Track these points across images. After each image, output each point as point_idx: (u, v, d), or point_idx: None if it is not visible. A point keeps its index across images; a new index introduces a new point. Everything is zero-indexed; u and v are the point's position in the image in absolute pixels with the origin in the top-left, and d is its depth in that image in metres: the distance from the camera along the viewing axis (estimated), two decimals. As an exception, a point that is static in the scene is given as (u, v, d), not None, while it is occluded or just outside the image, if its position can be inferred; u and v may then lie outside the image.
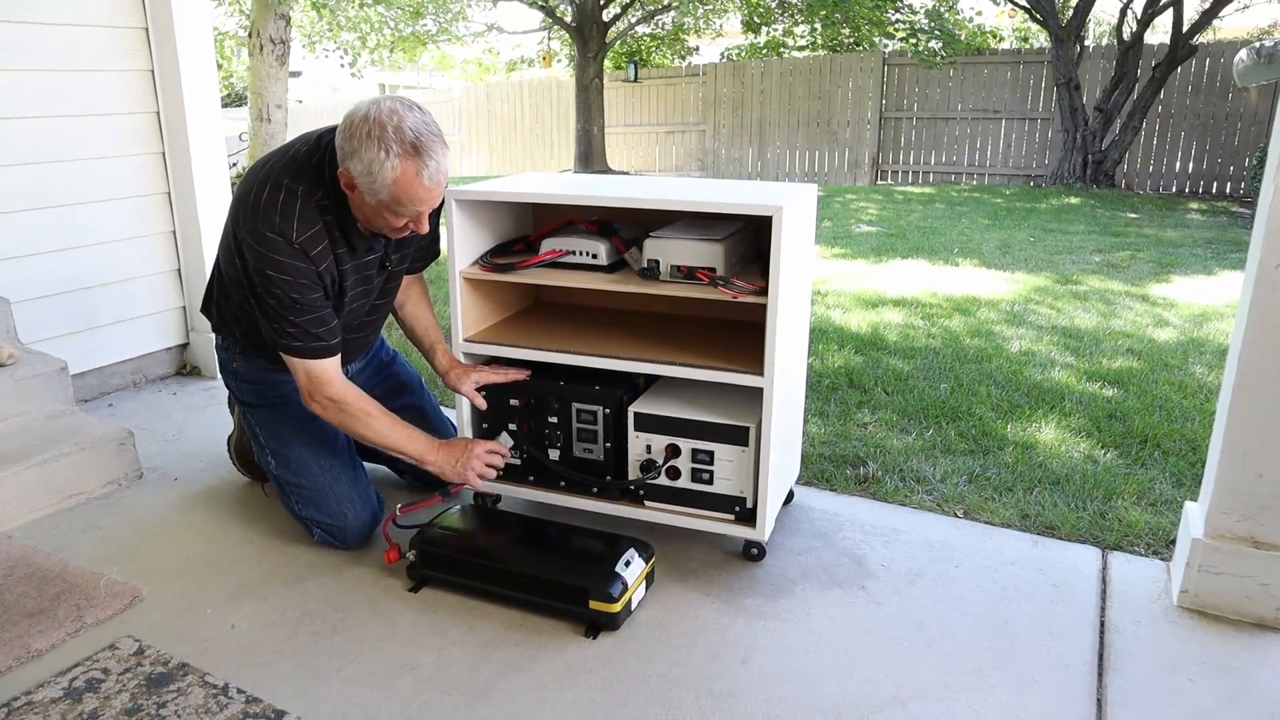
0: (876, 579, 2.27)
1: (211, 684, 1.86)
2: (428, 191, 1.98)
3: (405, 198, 1.97)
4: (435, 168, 1.96)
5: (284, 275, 2.04)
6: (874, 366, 3.87)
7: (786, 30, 17.27)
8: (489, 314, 2.52)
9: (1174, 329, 4.55)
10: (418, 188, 1.96)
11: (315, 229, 2.05)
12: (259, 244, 2.02)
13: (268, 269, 2.03)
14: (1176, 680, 1.90)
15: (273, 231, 2.01)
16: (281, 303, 2.06)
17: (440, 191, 2.02)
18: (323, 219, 2.07)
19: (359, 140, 1.92)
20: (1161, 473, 2.84)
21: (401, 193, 1.95)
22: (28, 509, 2.56)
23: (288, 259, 2.03)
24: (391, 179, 1.93)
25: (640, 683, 1.88)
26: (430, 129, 1.96)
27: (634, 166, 15.85)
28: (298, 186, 2.04)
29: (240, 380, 2.42)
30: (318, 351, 2.13)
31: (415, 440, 2.25)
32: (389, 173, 1.92)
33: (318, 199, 2.06)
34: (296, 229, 2.02)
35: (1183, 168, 11.56)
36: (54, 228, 3.24)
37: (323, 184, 2.06)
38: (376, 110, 1.93)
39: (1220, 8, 10.66)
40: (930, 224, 8.34)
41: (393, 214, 2.02)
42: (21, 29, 3.06)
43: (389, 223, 2.06)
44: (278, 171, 2.07)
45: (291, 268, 2.04)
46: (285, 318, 2.08)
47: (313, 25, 13.39)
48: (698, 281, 2.17)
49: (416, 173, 1.94)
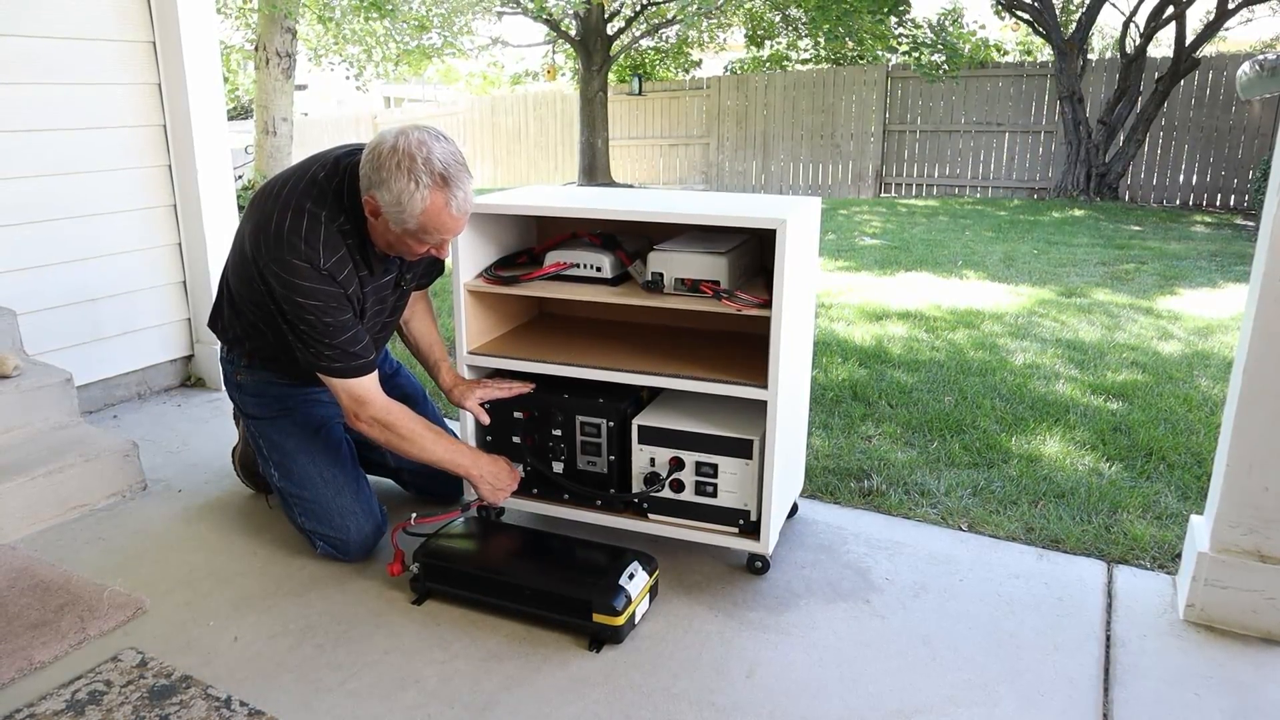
0: (881, 592, 2.26)
1: (214, 696, 1.86)
2: (455, 221, 2.01)
3: (433, 227, 1.99)
4: (463, 198, 1.99)
5: (315, 301, 2.04)
6: (878, 379, 3.87)
7: (790, 43, 17.33)
8: (493, 326, 2.53)
9: (1178, 342, 4.54)
10: (446, 218, 1.98)
11: (340, 254, 2.06)
12: (286, 272, 2.02)
13: (297, 296, 2.04)
14: (1183, 695, 1.89)
15: (299, 259, 2.02)
16: (315, 328, 2.07)
17: (465, 220, 2.04)
18: (345, 243, 2.08)
19: (388, 171, 1.93)
20: (1167, 486, 2.83)
21: (430, 222, 1.98)
22: (32, 520, 2.56)
23: (317, 284, 2.04)
24: (420, 209, 1.95)
25: (643, 696, 1.87)
26: (457, 159, 1.99)
27: (638, 179, 15.88)
28: (320, 211, 2.05)
29: (244, 393, 2.42)
30: (358, 370, 2.14)
31: (461, 454, 2.28)
32: (418, 203, 1.94)
33: (339, 224, 2.07)
34: (323, 255, 2.03)
35: (1186, 180, 11.56)
36: (60, 240, 3.25)
37: (343, 209, 2.07)
38: (405, 141, 1.94)
39: (1223, 21, 10.68)
40: (934, 237, 8.34)
41: (417, 241, 2.04)
42: (30, 42, 3.09)
43: (411, 249, 2.08)
44: (298, 196, 2.07)
45: (322, 293, 2.05)
46: (322, 341, 2.08)
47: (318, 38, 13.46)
48: (701, 294, 2.17)
49: (445, 203, 1.96)
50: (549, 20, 14.18)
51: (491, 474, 2.31)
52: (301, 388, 2.42)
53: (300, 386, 2.42)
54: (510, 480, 2.35)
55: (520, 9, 14.14)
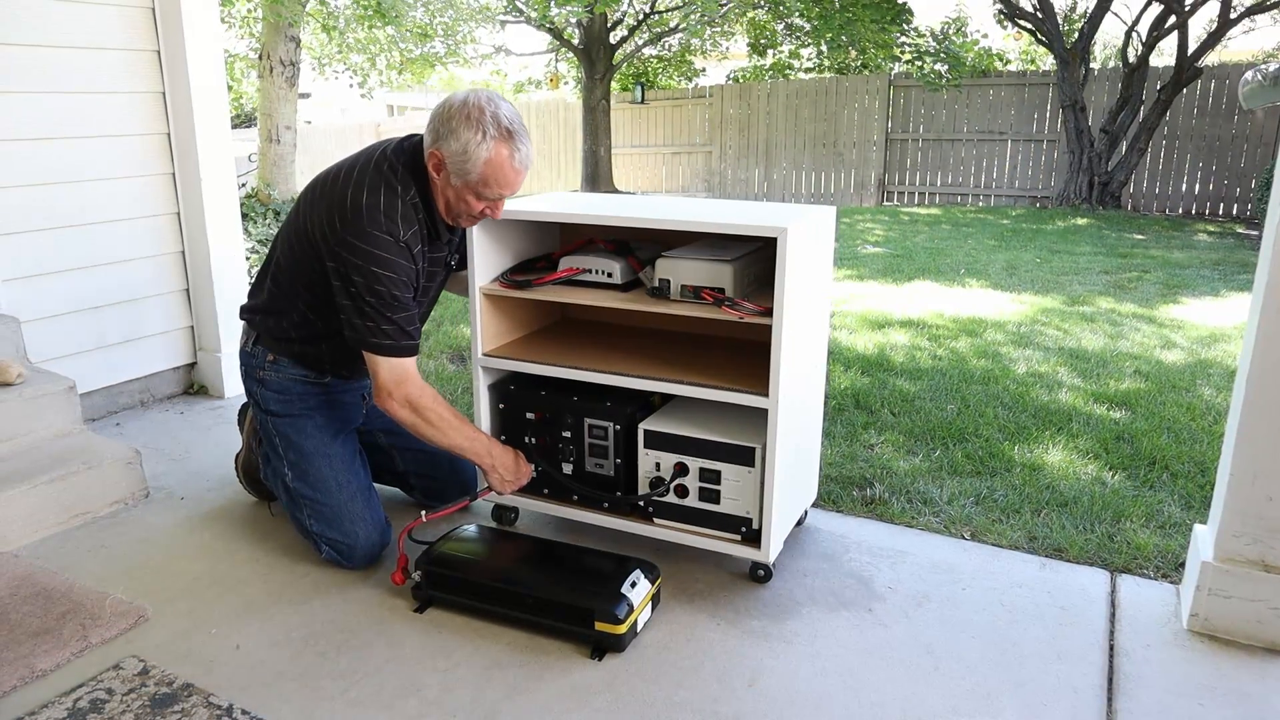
0: (883, 601, 2.25)
1: (216, 705, 1.85)
2: (516, 174, 2.12)
3: (494, 179, 2.10)
4: (525, 154, 2.12)
5: (390, 273, 2.12)
6: (881, 388, 3.87)
7: (793, 52, 17.38)
8: (509, 330, 2.55)
9: (1182, 350, 4.54)
10: (508, 170, 2.10)
11: (414, 229, 2.16)
12: (368, 243, 2.09)
13: (375, 266, 2.10)
14: (1187, 705, 1.88)
15: (381, 231, 2.10)
16: (383, 300, 2.12)
17: (523, 177, 2.15)
18: (416, 217, 2.17)
19: (457, 121, 2.05)
20: (1170, 495, 2.83)
21: (492, 174, 2.09)
22: (34, 528, 2.56)
23: (396, 257, 2.12)
24: (484, 159, 2.06)
25: (646, 705, 1.87)
26: (520, 120, 2.12)
27: (640, 187, 15.91)
28: (395, 185, 2.14)
29: (267, 389, 2.42)
30: (407, 350, 2.20)
31: (478, 442, 2.34)
32: (484, 153, 2.06)
33: (410, 197, 2.16)
34: (402, 228, 2.13)
35: (1189, 189, 11.57)
36: (64, 247, 3.26)
37: (413, 183, 2.17)
38: (475, 98, 2.08)
39: (1225, 30, 10.70)
40: (937, 245, 8.35)
41: (476, 197, 2.14)
42: (36, 52, 3.10)
43: (469, 207, 2.16)
44: (371, 175, 2.15)
45: (399, 266, 2.13)
46: (384, 315, 2.14)
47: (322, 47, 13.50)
48: (704, 301, 2.18)
49: (510, 155, 2.08)
50: (552, 29, 14.23)
51: (504, 465, 2.37)
52: (324, 387, 2.44)
53: (323, 385, 2.43)
54: (521, 473, 2.41)
55: (523, 18, 14.20)
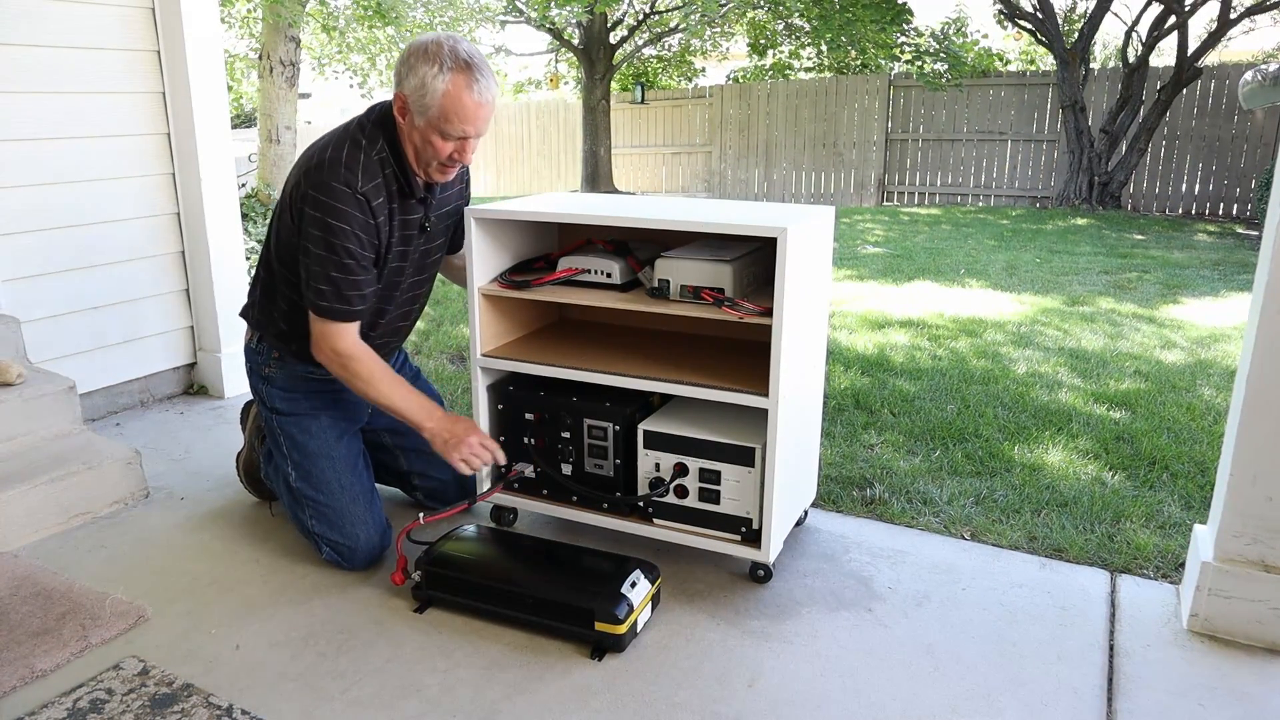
0: (884, 601, 2.25)
1: (215, 705, 1.85)
2: (476, 106, 2.06)
3: (454, 112, 2.04)
4: (485, 86, 2.06)
5: (342, 224, 2.11)
6: (880, 388, 3.87)
7: (793, 53, 17.38)
8: (508, 330, 2.54)
9: (1181, 351, 4.54)
10: (467, 101, 2.04)
11: (376, 181, 2.14)
12: (324, 194, 2.09)
13: (329, 217, 2.10)
14: (1187, 705, 1.88)
15: (338, 181, 2.10)
16: (332, 251, 2.12)
17: (487, 113, 2.10)
18: (382, 172, 2.16)
19: (416, 59, 2.04)
20: (1170, 495, 2.83)
21: (451, 106, 2.04)
22: (34, 528, 2.56)
23: (349, 209, 2.10)
24: (442, 91, 2.02)
25: (646, 705, 1.87)
26: (481, 57, 2.07)
27: (640, 188, 15.91)
28: (361, 140, 2.15)
29: (273, 386, 2.42)
30: (341, 315, 2.19)
31: (416, 404, 2.26)
32: (440, 85, 2.02)
33: (378, 150, 2.15)
34: (361, 179, 2.11)
35: (1189, 190, 11.57)
36: (64, 248, 3.26)
37: (381, 136, 2.16)
38: (434, 36, 2.07)
39: (1225, 31, 10.70)
40: (937, 245, 8.35)
41: (440, 136, 2.09)
42: (36, 52, 3.10)
43: (436, 151, 2.12)
44: (340, 133, 2.17)
45: (351, 217, 2.11)
46: (325, 272, 2.13)
47: (322, 47, 13.50)
48: (703, 301, 2.17)
49: (467, 85, 2.03)
50: (552, 29, 14.23)
51: (446, 429, 2.23)
52: (330, 383, 2.42)
53: (329, 381, 2.42)
54: (467, 435, 2.24)
55: (524, 18, 14.20)
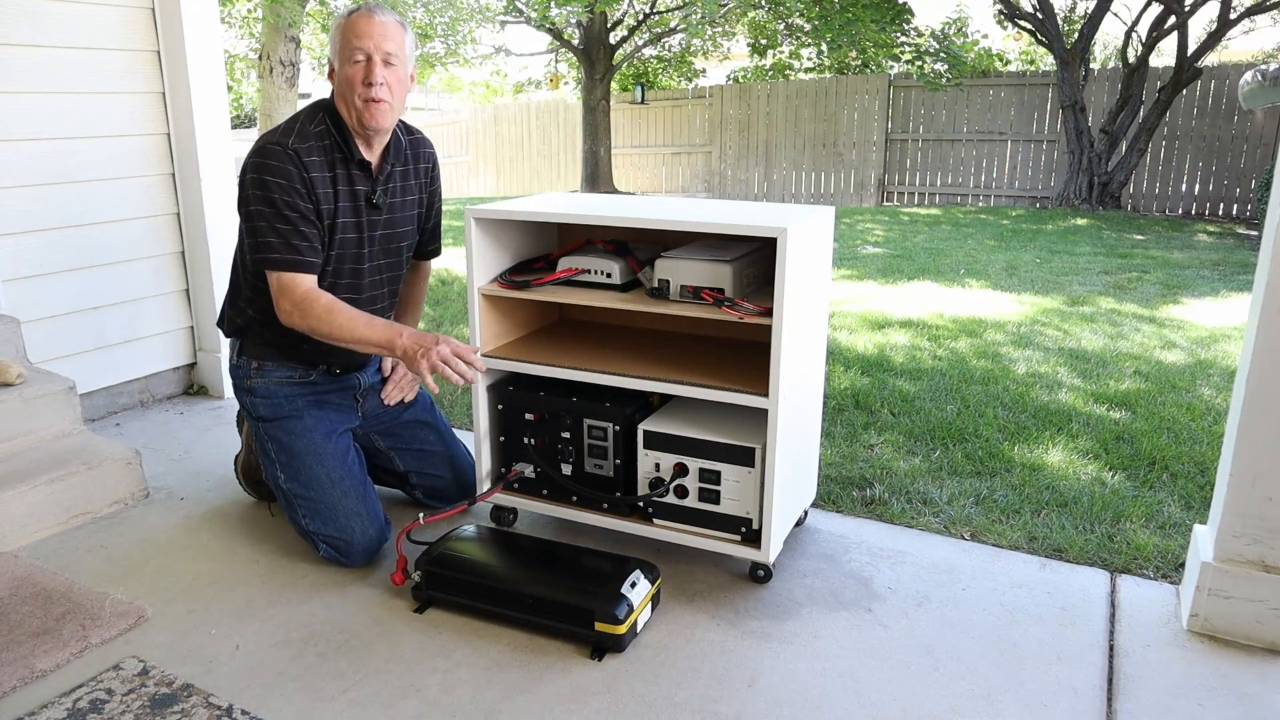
0: (883, 601, 2.25)
1: (215, 705, 1.85)
2: (368, 23, 2.22)
3: (350, 34, 2.22)
4: (374, 8, 2.25)
5: (277, 179, 2.20)
6: (880, 388, 3.87)
7: (793, 53, 17.38)
8: (508, 330, 2.55)
9: (1181, 351, 4.54)
10: (358, 21, 2.22)
11: (310, 144, 2.26)
12: (259, 155, 2.23)
13: (264, 175, 2.21)
14: (1187, 706, 1.88)
15: (271, 143, 2.23)
16: (272, 205, 2.21)
17: (380, 29, 2.23)
18: (321, 140, 2.28)
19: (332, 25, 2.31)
20: (1170, 495, 2.83)
21: (347, 31, 2.22)
22: (34, 528, 2.56)
23: (282, 164, 2.21)
24: (338, 25, 2.25)
25: (646, 705, 1.87)
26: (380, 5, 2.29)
27: (640, 188, 15.91)
28: (300, 115, 2.33)
29: (256, 396, 2.44)
30: (294, 265, 2.24)
31: (382, 327, 2.23)
32: (338, 23, 2.25)
33: (316, 123, 2.30)
34: (294, 139, 2.24)
35: (1189, 190, 11.57)
36: (64, 248, 3.26)
37: (322, 110, 2.31)
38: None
39: (1225, 31, 10.70)
40: (936, 245, 8.35)
41: (351, 66, 2.22)
42: (35, 52, 3.10)
43: (351, 83, 2.23)
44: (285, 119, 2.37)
45: (284, 171, 2.21)
46: (270, 225, 2.21)
47: (322, 47, 13.50)
48: (703, 301, 2.18)
49: (359, 12, 2.23)
50: (552, 29, 14.23)
51: (415, 342, 2.16)
52: (311, 385, 2.45)
53: (309, 384, 2.45)
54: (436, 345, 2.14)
55: (524, 18, 14.20)
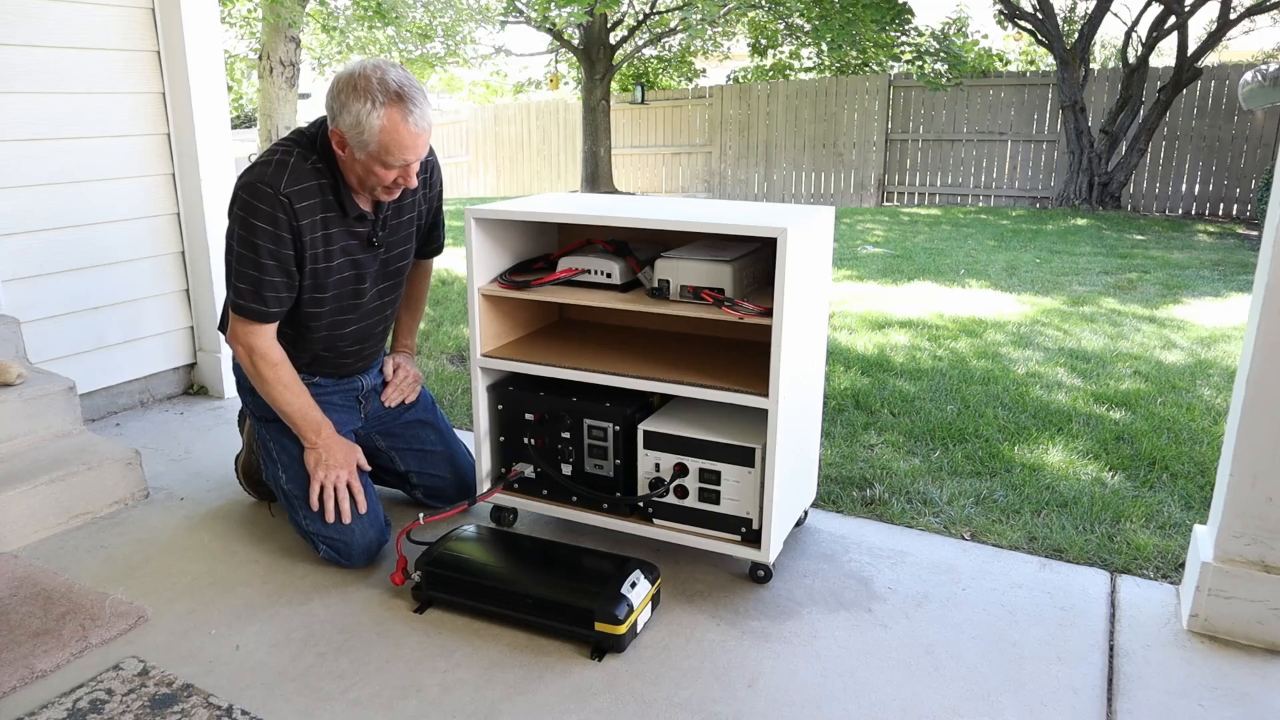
0: (883, 602, 2.25)
1: (215, 705, 1.85)
2: (414, 137, 2.07)
3: (393, 145, 2.06)
4: (420, 115, 2.07)
5: (261, 224, 2.12)
6: (880, 388, 3.87)
7: (793, 53, 17.39)
8: (508, 330, 2.54)
9: (1182, 351, 4.54)
10: (404, 134, 2.05)
11: (305, 185, 2.15)
12: (247, 193, 2.12)
13: (250, 216, 2.12)
14: (1188, 706, 1.88)
15: (263, 182, 2.11)
16: (249, 249, 2.14)
17: (425, 140, 2.11)
18: (317, 181, 2.16)
19: (346, 95, 2.04)
20: (1170, 495, 2.83)
21: (390, 140, 2.05)
22: (34, 528, 2.56)
23: (269, 208, 2.11)
24: (379, 127, 2.03)
25: (646, 706, 1.87)
26: (412, 81, 2.08)
27: (640, 188, 15.92)
28: (294, 149, 2.17)
29: (256, 395, 2.43)
30: (256, 315, 2.22)
31: (311, 418, 2.32)
32: (376, 121, 2.03)
33: (312, 161, 2.17)
34: (286, 181, 2.12)
35: (1189, 190, 11.57)
36: (64, 248, 3.26)
37: (316, 150, 2.18)
38: (361, 67, 2.05)
39: (1225, 31, 10.71)
40: (937, 245, 8.35)
41: (383, 167, 2.10)
42: (35, 52, 3.10)
43: (380, 179, 2.14)
44: (280, 143, 2.21)
45: (271, 217, 2.12)
46: (244, 270, 2.16)
47: (322, 47, 13.52)
48: (703, 302, 2.18)
49: (403, 118, 2.04)
50: (552, 30, 14.23)
51: (326, 450, 2.32)
52: (313, 387, 2.43)
53: (311, 385, 2.43)
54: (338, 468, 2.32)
55: (524, 18, 14.21)
